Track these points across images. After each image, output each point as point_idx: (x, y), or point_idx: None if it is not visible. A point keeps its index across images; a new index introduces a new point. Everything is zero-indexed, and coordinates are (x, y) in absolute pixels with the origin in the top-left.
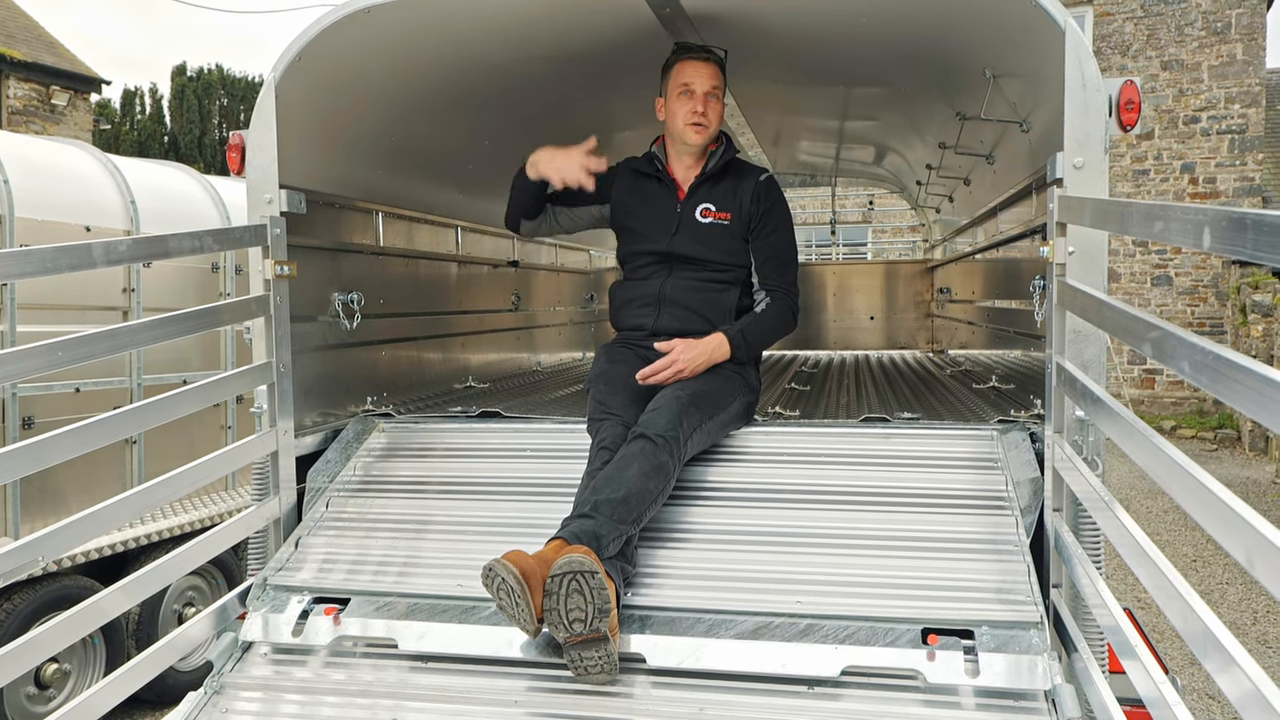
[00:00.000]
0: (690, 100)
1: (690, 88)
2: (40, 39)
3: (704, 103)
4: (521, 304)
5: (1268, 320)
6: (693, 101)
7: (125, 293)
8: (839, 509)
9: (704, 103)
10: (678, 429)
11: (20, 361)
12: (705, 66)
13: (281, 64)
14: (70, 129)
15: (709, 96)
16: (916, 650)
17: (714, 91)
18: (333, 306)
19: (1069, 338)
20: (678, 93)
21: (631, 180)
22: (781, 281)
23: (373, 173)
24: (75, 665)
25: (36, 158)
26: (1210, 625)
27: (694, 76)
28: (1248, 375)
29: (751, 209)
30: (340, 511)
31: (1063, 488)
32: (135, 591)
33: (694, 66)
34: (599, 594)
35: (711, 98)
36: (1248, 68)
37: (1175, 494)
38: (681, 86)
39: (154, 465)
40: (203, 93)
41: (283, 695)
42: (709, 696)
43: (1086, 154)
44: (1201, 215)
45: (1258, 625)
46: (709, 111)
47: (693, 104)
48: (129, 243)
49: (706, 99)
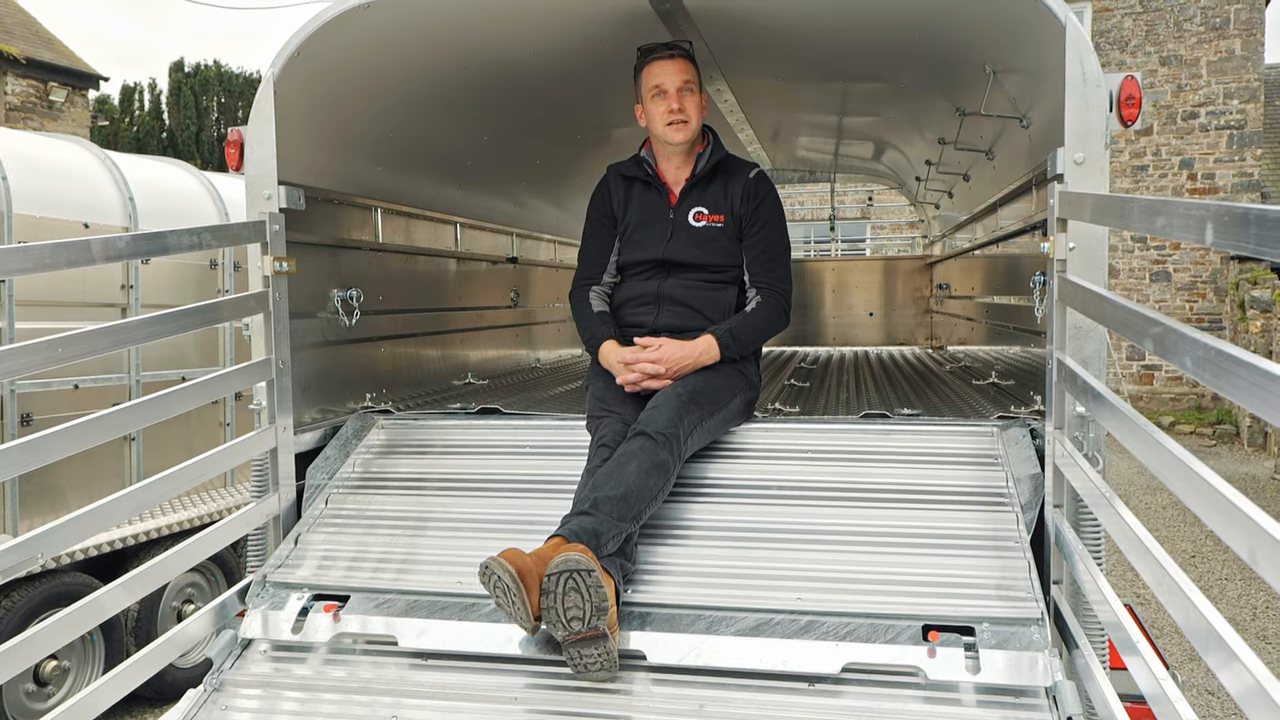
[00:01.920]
0: (665, 100)
1: (662, 88)
2: (38, 35)
3: (679, 99)
4: (520, 300)
5: (1266, 316)
6: (667, 100)
7: (124, 289)
8: (839, 505)
9: (679, 99)
10: (678, 426)
11: (19, 358)
12: (672, 64)
13: (280, 60)
14: (68, 125)
15: (682, 92)
16: (917, 647)
17: (686, 86)
18: (332, 303)
19: (1069, 333)
20: (651, 95)
21: (624, 188)
22: (771, 278)
23: (372, 169)
24: (74, 662)
25: (34, 154)
26: (1212, 620)
27: (663, 76)
28: (1249, 370)
29: (743, 208)
30: (340, 508)
31: (1063, 484)
32: (134, 588)
33: (661, 66)
34: (596, 592)
35: (686, 92)
36: (1246, 63)
37: (1177, 489)
38: (653, 89)
39: (152, 462)
40: (200, 89)
41: (282, 692)
42: (709, 693)
43: (1087, 149)
44: (1203, 210)
45: (1257, 621)
46: (685, 106)
47: (667, 103)
48: (128, 239)
49: (680, 95)
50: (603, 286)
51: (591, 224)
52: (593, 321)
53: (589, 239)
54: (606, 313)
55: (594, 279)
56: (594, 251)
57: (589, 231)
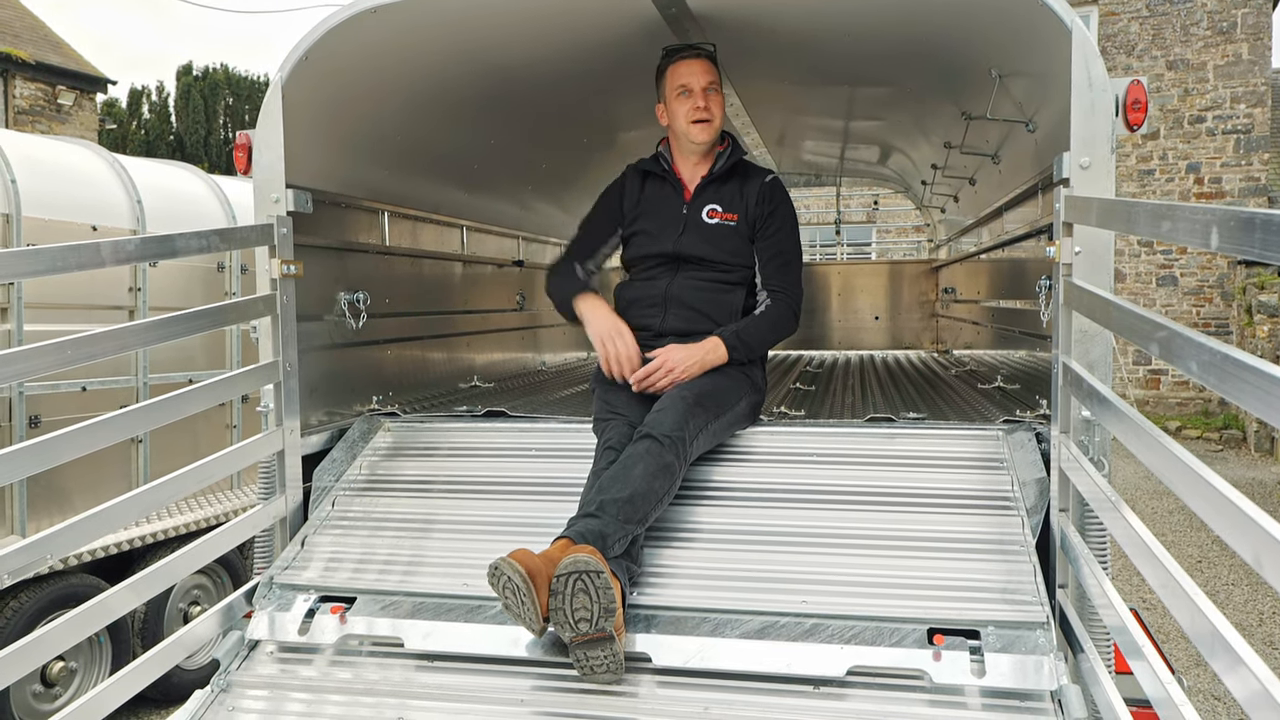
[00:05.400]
0: (690, 98)
1: (688, 87)
2: (46, 39)
3: (704, 98)
4: (526, 303)
5: (1273, 321)
6: (692, 99)
7: (131, 292)
8: (844, 509)
9: (704, 98)
10: (684, 429)
11: (29, 360)
12: (698, 63)
13: (288, 64)
14: (76, 129)
15: (707, 91)
16: (922, 650)
17: (711, 85)
18: (339, 306)
19: (1075, 338)
20: (676, 94)
21: (639, 185)
22: (783, 282)
23: (378, 172)
24: (81, 663)
25: (43, 157)
26: (1217, 625)
27: (689, 75)
28: (1256, 375)
29: (757, 210)
30: (346, 510)
31: (1069, 488)
32: (142, 590)
33: (687, 65)
34: (604, 594)
35: (710, 91)
36: (1253, 67)
37: (1182, 494)
38: (679, 88)
39: (159, 464)
40: (209, 93)
41: (289, 694)
42: (714, 696)
43: (1093, 154)
44: (1209, 215)
45: (1263, 626)
46: (710, 105)
47: (693, 101)
48: (137, 242)
49: (705, 94)
50: (586, 269)
51: (596, 212)
52: (573, 280)
53: (588, 223)
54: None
55: (582, 258)
56: (589, 237)
57: (590, 217)
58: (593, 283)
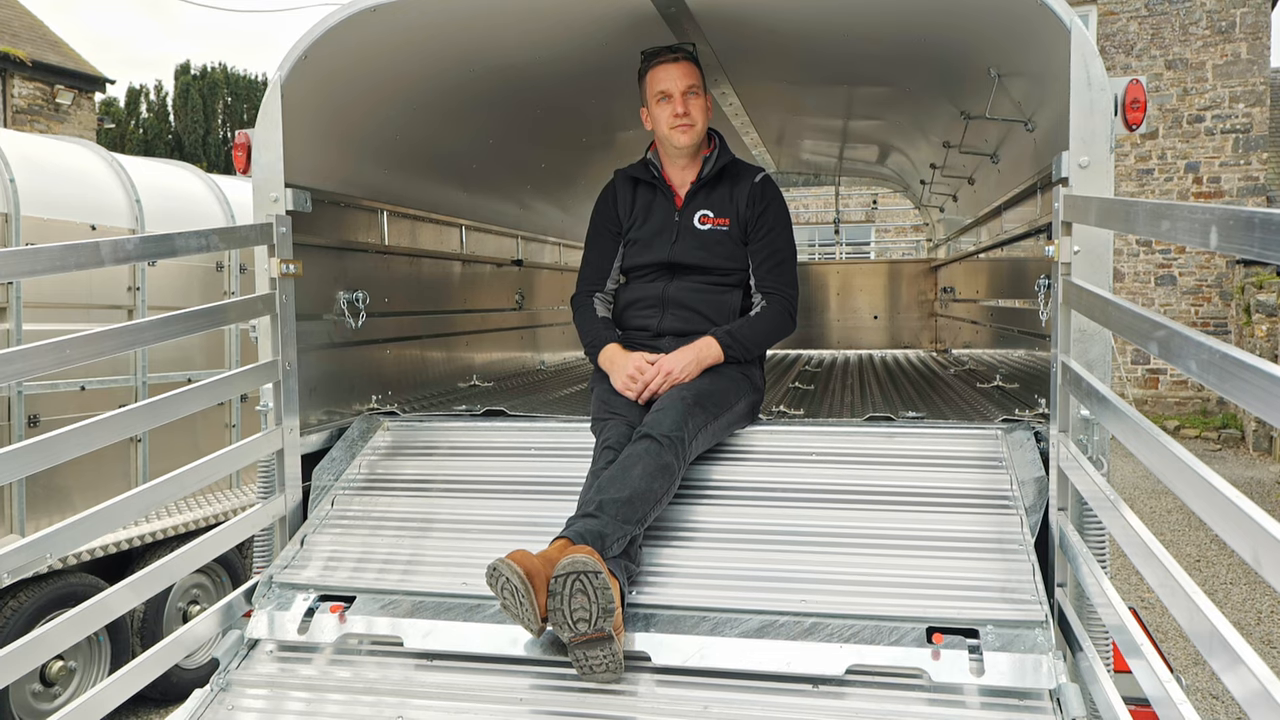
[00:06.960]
0: (669, 103)
1: (666, 91)
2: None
3: (683, 102)
4: (525, 303)
5: (1272, 320)
6: (672, 104)
7: (130, 291)
8: (843, 508)
9: (683, 102)
10: (683, 429)
11: (28, 359)
12: (676, 67)
13: (287, 63)
14: (75, 128)
15: (687, 95)
16: (921, 649)
17: (691, 89)
18: (338, 305)
19: (1074, 337)
20: (656, 99)
21: (630, 192)
22: (777, 283)
23: (378, 172)
24: (81, 662)
25: (42, 157)
26: (1216, 624)
27: (667, 80)
28: (1254, 374)
29: (748, 213)
30: (345, 509)
31: (1068, 487)
32: (141, 589)
33: (665, 70)
34: (603, 594)
35: (690, 95)
36: (1252, 67)
37: (1181, 493)
38: (659, 94)
39: (158, 464)
40: (207, 92)
41: (288, 693)
42: (714, 695)
43: (1092, 153)
44: (1208, 214)
45: (1261, 625)
46: (690, 109)
47: (672, 106)
48: (136, 241)
49: (685, 98)
50: (605, 294)
51: (595, 230)
52: (595, 326)
53: (592, 246)
54: (609, 319)
55: (597, 286)
56: (597, 259)
57: (592, 238)
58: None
